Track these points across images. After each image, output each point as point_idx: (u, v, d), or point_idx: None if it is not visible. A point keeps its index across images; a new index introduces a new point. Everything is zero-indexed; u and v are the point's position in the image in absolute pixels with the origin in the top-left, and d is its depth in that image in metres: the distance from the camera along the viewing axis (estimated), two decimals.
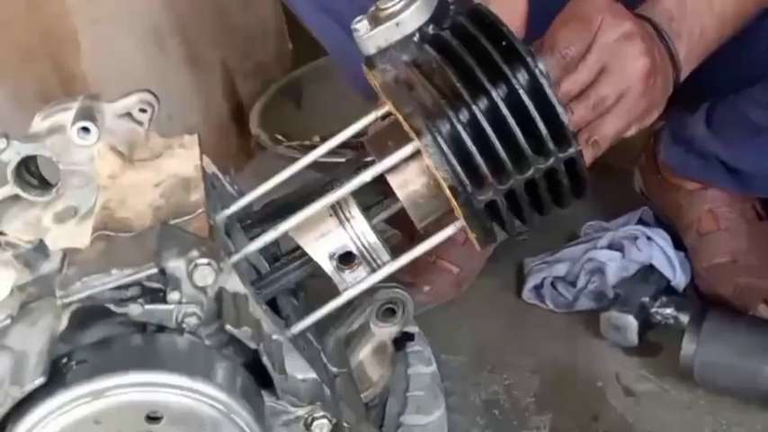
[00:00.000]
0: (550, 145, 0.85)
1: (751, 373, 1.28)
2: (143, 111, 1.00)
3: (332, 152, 0.96)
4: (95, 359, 0.78)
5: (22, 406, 0.75)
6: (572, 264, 1.52)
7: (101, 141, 0.97)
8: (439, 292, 1.54)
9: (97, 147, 0.97)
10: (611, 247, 1.51)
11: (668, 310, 1.41)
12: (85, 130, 0.96)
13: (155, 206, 0.91)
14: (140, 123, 1.00)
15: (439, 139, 0.84)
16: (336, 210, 0.94)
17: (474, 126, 0.85)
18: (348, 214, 0.93)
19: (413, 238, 0.93)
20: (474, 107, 0.85)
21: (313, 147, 0.96)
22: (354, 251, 0.94)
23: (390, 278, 0.96)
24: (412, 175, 0.91)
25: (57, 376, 0.75)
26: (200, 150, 1.00)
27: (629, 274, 1.48)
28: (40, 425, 0.75)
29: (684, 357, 1.32)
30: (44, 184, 0.99)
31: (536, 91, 0.85)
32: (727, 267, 1.46)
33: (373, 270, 0.94)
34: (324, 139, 0.95)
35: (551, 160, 0.86)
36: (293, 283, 1.00)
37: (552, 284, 1.53)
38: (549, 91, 0.85)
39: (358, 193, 0.93)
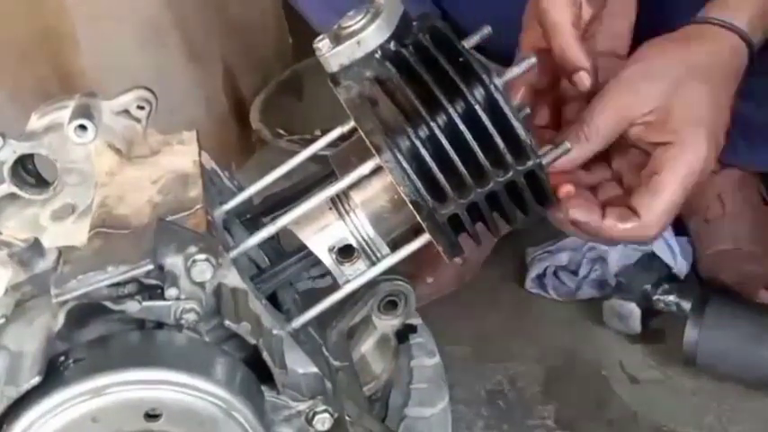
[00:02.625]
0: (508, 158, 0.85)
1: (754, 358, 1.28)
2: (141, 108, 1.00)
3: (331, 145, 0.96)
4: (93, 357, 0.78)
5: (19, 405, 0.74)
6: (574, 252, 1.52)
7: (98, 139, 0.96)
8: (442, 283, 1.54)
9: (94, 144, 0.96)
10: None
11: (670, 297, 1.41)
12: (82, 127, 0.95)
13: (153, 203, 0.91)
14: (138, 120, 1.00)
15: (398, 155, 0.84)
16: (336, 203, 0.93)
17: (433, 142, 0.85)
18: (347, 207, 0.93)
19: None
20: (432, 123, 0.85)
21: (314, 140, 0.96)
22: (354, 244, 0.94)
23: (392, 270, 0.96)
24: (376, 190, 0.92)
25: (54, 374, 0.75)
26: (199, 146, 1.00)
27: (630, 262, 1.48)
28: (38, 423, 0.74)
29: (687, 344, 1.32)
30: (41, 183, 0.99)
31: (493, 106, 0.85)
32: (731, 254, 1.46)
33: (373, 263, 0.94)
34: (325, 133, 0.95)
35: (510, 173, 0.86)
36: (293, 277, 1.00)
37: (555, 274, 1.53)
38: (504, 106, 0.85)
39: None
